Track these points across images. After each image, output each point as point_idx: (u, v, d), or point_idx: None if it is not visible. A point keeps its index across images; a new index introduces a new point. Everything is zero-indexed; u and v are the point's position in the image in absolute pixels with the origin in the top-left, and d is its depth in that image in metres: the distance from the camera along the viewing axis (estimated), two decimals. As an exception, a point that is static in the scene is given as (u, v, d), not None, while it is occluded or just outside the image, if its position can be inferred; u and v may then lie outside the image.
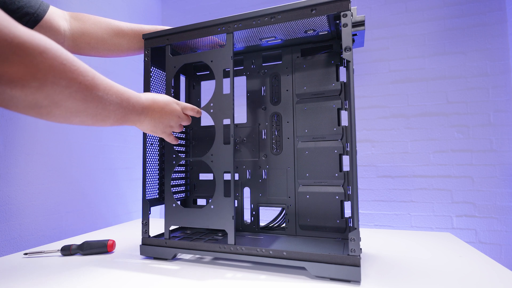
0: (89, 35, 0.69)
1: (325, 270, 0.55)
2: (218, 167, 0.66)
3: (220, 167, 0.66)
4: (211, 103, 0.67)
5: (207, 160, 0.67)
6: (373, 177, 1.73)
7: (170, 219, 0.70)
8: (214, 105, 0.67)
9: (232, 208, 0.64)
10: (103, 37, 0.71)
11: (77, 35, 0.68)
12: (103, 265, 0.67)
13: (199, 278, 0.58)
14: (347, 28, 0.56)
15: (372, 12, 1.79)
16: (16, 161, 1.06)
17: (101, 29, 0.71)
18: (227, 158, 0.65)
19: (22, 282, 0.57)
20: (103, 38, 0.71)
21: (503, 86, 1.56)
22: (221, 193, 0.65)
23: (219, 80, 0.67)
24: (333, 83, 0.73)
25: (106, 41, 0.71)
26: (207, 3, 2.11)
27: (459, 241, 0.82)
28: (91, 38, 0.70)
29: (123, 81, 1.65)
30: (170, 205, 0.70)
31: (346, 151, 0.71)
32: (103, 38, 0.71)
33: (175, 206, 0.70)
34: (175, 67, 0.71)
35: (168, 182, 0.71)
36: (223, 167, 0.65)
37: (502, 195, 1.53)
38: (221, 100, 0.66)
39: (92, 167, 1.41)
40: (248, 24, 0.65)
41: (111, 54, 0.74)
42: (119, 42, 0.73)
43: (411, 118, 1.69)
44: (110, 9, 1.58)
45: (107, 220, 1.49)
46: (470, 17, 1.63)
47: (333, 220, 0.71)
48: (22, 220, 1.08)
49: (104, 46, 0.72)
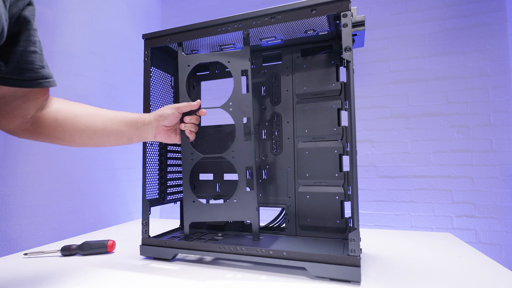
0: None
1: (325, 270, 0.55)
2: (240, 163, 0.69)
3: (241, 162, 0.69)
4: (230, 102, 0.69)
5: (228, 156, 0.69)
6: (373, 177, 1.73)
7: (190, 214, 0.70)
8: (233, 104, 0.69)
9: (255, 200, 0.68)
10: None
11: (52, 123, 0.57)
12: (103, 265, 0.67)
13: (199, 279, 0.58)
14: (347, 28, 0.56)
15: (372, 13, 1.79)
16: (16, 161, 1.06)
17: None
18: (248, 154, 0.68)
19: (22, 282, 0.57)
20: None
21: (503, 86, 1.56)
22: (244, 187, 0.69)
23: (237, 80, 0.69)
24: (333, 83, 0.73)
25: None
26: (207, 3, 2.11)
27: (459, 242, 0.82)
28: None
29: (123, 81, 1.65)
30: (190, 201, 0.70)
31: (346, 151, 0.71)
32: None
33: (195, 202, 0.70)
34: (189, 66, 0.71)
35: (187, 179, 0.71)
36: (244, 162, 0.69)
37: (502, 195, 1.53)
38: (240, 100, 0.69)
39: (92, 167, 1.41)
40: (248, 24, 0.65)
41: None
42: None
43: (411, 119, 1.69)
44: (110, 10, 1.58)
45: (107, 220, 1.49)
46: (470, 18, 1.63)
47: (333, 220, 0.71)
48: (22, 220, 1.08)
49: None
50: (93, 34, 1.45)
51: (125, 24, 1.70)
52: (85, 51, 1.39)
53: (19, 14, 0.45)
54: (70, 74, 1.30)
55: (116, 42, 1.61)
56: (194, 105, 0.67)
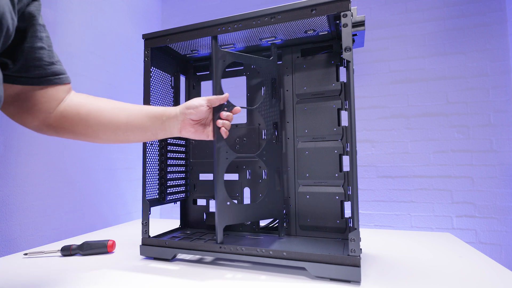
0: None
1: (325, 270, 0.55)
2: (270, 163, 0.74)
3: (271, 163, 0.74)
4: (261, 105, 0.74)
5: (261, 157, 0.72)
6: (373, 178, 1.73)
7: (224, 217, 0.66)
8: (264, 107, 0.74)
9: (282, 198, 0.76)
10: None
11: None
12: (103, 265, 0.67)
13: (199, 279, 0.58)
14: (347, 28, 0.56)
15: (372, 13, 1.79)
16: (16, 161, 1.06)
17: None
18: (278, 156, 0.76)
19: (22, 282, 0.57)
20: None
21: (503, 86, 1.56)
22: (274, 186, 0.74)
23: (268, 86, 0.75)
24: (333, 83, 0.73)
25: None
26: (207, 3, 2.11)
27: (459, 242, 0.82)
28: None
29: (123, 81, 1.65)
30: (224, 203, 0.66)
31: (346, 151, 0.71)
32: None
33: (230, 204, 0.67)
34: (225, 61, 0.68)
35: (221, 179, 0.66)
36: (274, 163, 0.75)
37: (502, 196, 1.53)
38: (270, 104, 0.75)
39: (92, 167, 1.41)
40: (248, 24, 0.65)
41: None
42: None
43: (411, 119, 1.69)
44: (110, 10, 1.58)
45: (107, 220, 1.49)
46: (470, 18, 1.63)
47: (333, 220, 0.71)
48: (22, 220, 1.08)
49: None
50: (93, 34, 1.45)
51: (125, 24, 1.70)
52: (85, 51, 1.39)
53: (24, 10, 0.44)
54: (70, 74, 1.29)
55: (116, 42, 1.61)
56: (224, 98, 0.64)
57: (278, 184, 0.76)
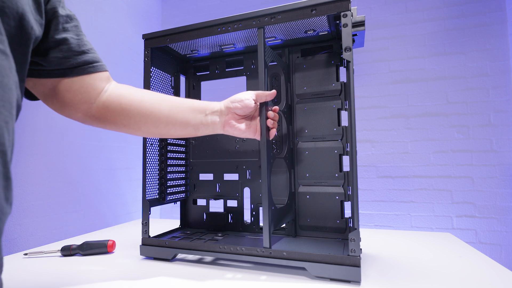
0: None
1: (325, 271, 0.55)
2: (290, 163, 0.75)
3: (290, 163, 0.75)
4: (285, 108, 0.75)
5: (285, 159, 0.74)
6: (373, 178, 1.73)
7: (271, 222, 0.62)
8: (287, 110, 0.76)
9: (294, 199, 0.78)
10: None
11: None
12: (103, 265, 0.67)
13: (199, 279, 0.58)
14: (347, 28, 0.56)
15: (372, 13, 1.79)
16: (16, 161, 1.06)
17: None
18: (292, 156, 0.77)
19: (22, 282, 0.57)
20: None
21: (503, 86, 1.56)
22: (291, 188, 0.76)
23: (283, 86, 0.77)
24: (333, 83, 0.73)
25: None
26: (207, 3, 2.11)
27: (459, 242, 0.82)
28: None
29: (123, 81, 1.65)
30: (270, 207, 0.62)
31: (346, 151, 0.71)
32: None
33: (274, 208, 0.64)
34: (273, 61, 0.69)
35: (268, 182, 0.61)
36: (292, 163, 0.76)
37: (502, 196, 1.53)
38: (288, 107, 0.77)
39: (92, 167, 1.41)
40: (248, 24, 0.65)
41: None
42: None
43: (411, 119, 1.69)
44: (110, 10, 1.58)
45: (107, 220, 1.49)
46: (470, 18, 1.63)
47: (333, 220, 0.71)
48: (22, 220, 1.08)
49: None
50: (93, 34, 1.45)
51: (125, 24, 1.70)
52: (85, 51, 1.39)
53: (46, 5, 0.44)
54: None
55: (116, 42, 1.61)
56: (272, 95, 0.60)
57: (293, 185, 0.76)
